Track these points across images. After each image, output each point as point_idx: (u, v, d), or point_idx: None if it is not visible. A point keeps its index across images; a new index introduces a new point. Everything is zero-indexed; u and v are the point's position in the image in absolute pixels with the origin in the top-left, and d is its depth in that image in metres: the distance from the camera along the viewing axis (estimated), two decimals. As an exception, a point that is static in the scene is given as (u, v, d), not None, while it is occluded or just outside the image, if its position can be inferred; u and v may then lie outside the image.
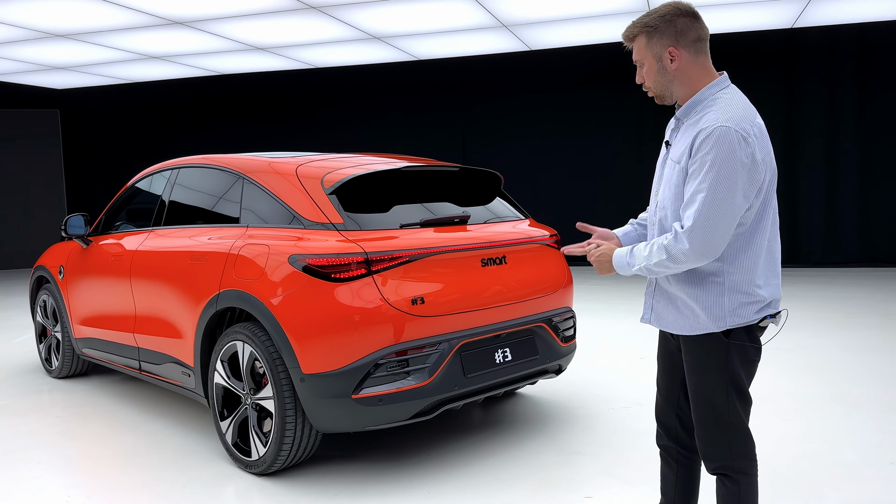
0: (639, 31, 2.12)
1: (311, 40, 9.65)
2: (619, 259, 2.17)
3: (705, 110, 2.06)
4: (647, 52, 2.12)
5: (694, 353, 2.15)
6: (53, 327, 5.47)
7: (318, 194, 3.47)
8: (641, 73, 2.17)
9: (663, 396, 2.37)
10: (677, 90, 2.14)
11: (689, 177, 2.01)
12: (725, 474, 2.15)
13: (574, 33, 9.70)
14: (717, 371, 2.10)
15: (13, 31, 8.73)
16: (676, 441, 2.35)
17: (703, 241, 1.96)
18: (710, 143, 1.96)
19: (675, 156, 2.11)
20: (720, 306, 2.07)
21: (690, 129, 2.07)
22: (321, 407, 3.19)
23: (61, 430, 4.24)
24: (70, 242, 5.34)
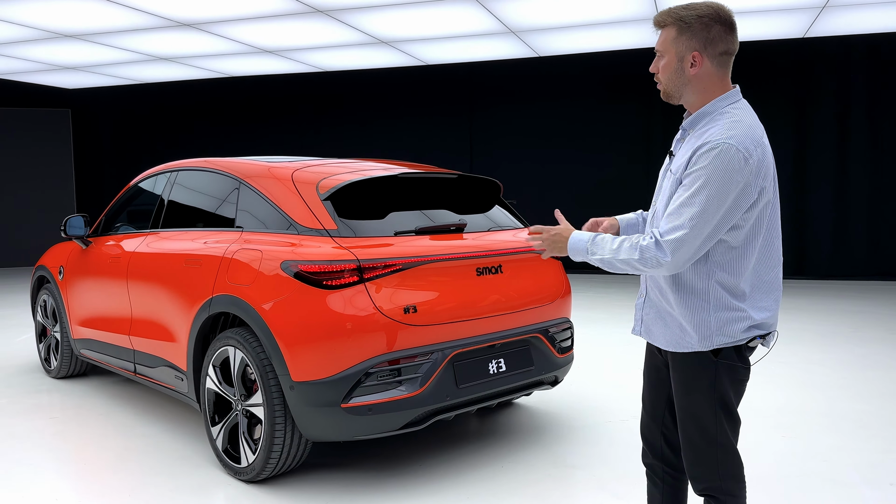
0: (672, 22, 2.02)
1: (318, 44, 9.65)
2: (576, 242, 2.10)
3: (711, 123, 2.00)
4: (672, 47, 2.03)
5: (682, 370, 2.09)
6: (53, 327, 5.47)
7: (312, 200, 3.44)
8: (658, 63, 2.08)
9: (648, 413, 2.31)
10: (688, 96, 2.06)
11: (681, 187, 1.95)
12: (712, 496, 2.09)
13: (582, 40, 9.65)
14: (706, 390, 2.05)
15: (24, 30, 8.78)
16: (662, 459, 2.29)
17: (681, 254, 1.92)
18: (709, 157, 1.90)
19: (675, 167, 2.06)
20: (707, 324, 2.02)
21: (693, 141, 2.01)
22: (310, 415, 3.16)
23: (55, 432, 4.23)
24: (71, 243, 5.34)
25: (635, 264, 1.98)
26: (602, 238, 2.05)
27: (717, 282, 2.00)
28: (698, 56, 2.00)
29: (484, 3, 7.74)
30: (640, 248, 1.96)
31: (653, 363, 2.28)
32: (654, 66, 2.11)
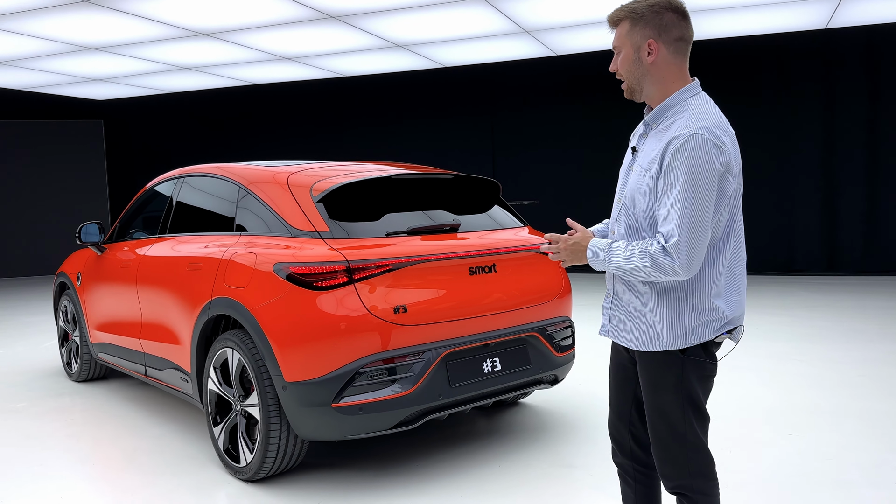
0: (624, 16, 2.04)
1: (335, 49, 9.75)
2: (594, 251, 2.06)
3: (676, 116, 2.00)
4: (627, 40, 2.04)
5: (649, 369, 2.08)
6: (73, 332, 5.63)
7: (305, 203, 3.49)
8: (616, 60, 2.09)
9: (615, 412, 2.29)
10: (648, 88, 2.06)
11: (665, 188, 1.93)
12: (684, 494, 2.07)
13: (596, 38, 9.58)
14: (673, 388, 2.03)
15: (54, 45, 9.05)
16: (632, 458, 2.27)
17: (688, 255, 1.88)
18: (684, 152, 1.89)
19: (644, 163, 2.04)
20: (682, 324, 2.01)
21: (660, 135, 2.01)
22: (303, 415, 3.20)
23: (69, 433, 4.35)
24: (88, 249, 5.49)
25: (649, 271, 1.94)
26: (616, 245, 2.02)
27: (696, 280, 1.98)
28: (654, 43, 2.01)
29: (494, 4, 7.74)
30: (648, 254, 1.93)
31: (619, 362, 2.26)
32: (613, 65, 2.10)
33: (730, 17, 8.73)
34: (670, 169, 1.91)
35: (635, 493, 2.29)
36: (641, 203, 2.02)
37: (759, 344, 6.08)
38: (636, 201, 2.05)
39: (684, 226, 1.88)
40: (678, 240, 1.88)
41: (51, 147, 14.13)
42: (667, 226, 1.91)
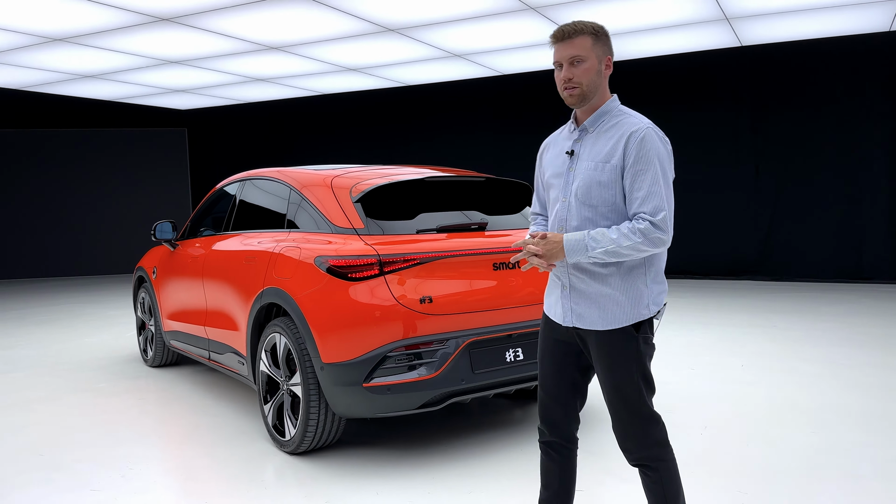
0: (588, 32, 2.24)
1: (395, 60, 10.18)
2: (573, 243, 2.18)
3: (616, 118, 2.29)
4: (592, 52, 2.24)
5: (609, 347, 2.26)
6: (149, 321, 6.18)
7: (345, 202, 3.84)
8: (577, 69, 2.24)
9: (551, 395, 2.42)
10: (595, 97, 2.29)
11: (637, 174, 2.18)
12: (646, 465, 2.28)
13: (650, 43, 9.68)
14: (631, 364, 2.24)
15: (141, 59, 9.83)
16: (560, 435, 2.44)
17: (671, 227, 2.18)
18: (648, 143, 2.19)
19: (597, 158, 2.25)
20: (643, 298, 2.25)
21: (604, 135, 2.27)
22: (337, 393, 3.54)
23: (141, 411, 4.85)
24: (164, 246, 6.03)
25: (640, 246, 2.14)
26: (596, 233, 2.18)
27: (652, 255, 2.26)
28: (609, 60, 2.31)
29: (544, 13, 7.98)
30: (639, 231, 2.14)
31: (558, 348, 2.41)
32: (569, 73, 2.25)
33: (797, 19, 8.68)
34: (640, 157, 2.18)
35: (560, 467, 2.47)
36: (601, 193, 2.23)
37: (807, 349, 6.09)
38: (594, 193, 2.24)
39: (665, 203, 2.17)
40: (666, 214, 2.16)
41: (138, 154, 15.16)
42: (650, 204, 2.16)
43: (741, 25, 8.83)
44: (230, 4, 7.44)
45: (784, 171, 10.54)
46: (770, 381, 5.07)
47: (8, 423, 4.55)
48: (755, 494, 3.18)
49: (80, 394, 5.26)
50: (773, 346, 6.24)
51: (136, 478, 3.59)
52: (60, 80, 11.03)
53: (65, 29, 8.15)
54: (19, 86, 11.42)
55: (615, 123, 2.28)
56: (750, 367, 5.51)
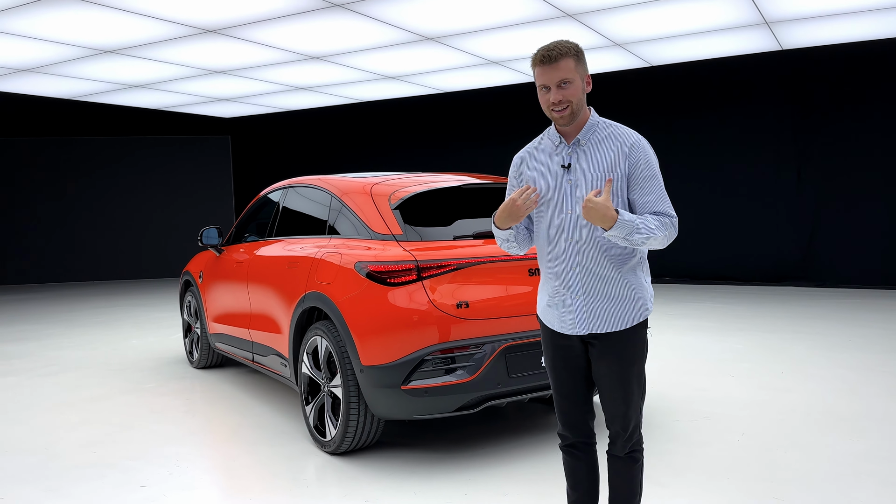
0: (571, 54, 2.32)
1: (434, 68, 10.31)
2: (626, 219, 2.19)
3: (607, 129, 2.41)
4: (577, 73, 2.33)
5: (622, 343, 2.38)
6: (195, 324, 6.38)
7: (385, 209, 3.95)
8: (566, 91, 2.31)
9: (572, 401, 2.50)
10: (581, 113, 2.39)
11: (646, 179, 2.33)
12: (636, 450, 2.47)
13: (691, 48, 9.63)
14: (641, 356, 2.43)
15: (187, 70, 10.13)
16: (582, 434, 2.54)
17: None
18: (647, 151, 2.36)
19: (600, 167, 2.34)
20: (647, 292, 2.43)
21: (601, 146, 2.37)
22: (376, 395, 3.63)
23: (187, 410, 5.02)
24: (209, 251, 6.22)
25: (666, 239, 2.31)
26: (641, 219, 2.25)
27: (644, 255, 2.45)
28: (589, 78, 2.42)
29: (582, 20, 8.01)
30: (668, 223, 2.30)
31: (567, 354, 2.45)
32: (558, 95, 2.31)
33: (839, 23, 8.56)
34: (645, 165, 2.33)
35: (586, 465, 2.57)
36: (615, 202, 2.33)
37: (848, 356, 6.01)
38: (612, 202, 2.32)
39: (671, 205, 2.36)
40: (676, 216, 2.35)
41: (184, 160, 15.57)
42: (662, 204, 2.33)
43: (781, 29, 8.73)
44: (273, 16, 7.64)
45: (827, 175, 10.36)
46: (809, 388, 5.02)
47: (63, 422, 4.75)
48: (792, 502, 3.18)
49: (129, 394, 5.46)
50: (814, 353, 6.16)
51: (183, 475, 3.73)
52: (110, 90, 11.41)
53: (115, 41, 8.46)
54: (71, 96, 11.85)
55: (607, 135, 2.39)
56: (790, 374, 5.46)
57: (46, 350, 7.36)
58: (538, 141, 2.54)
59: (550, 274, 2.45)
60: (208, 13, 7.49)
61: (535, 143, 2.54)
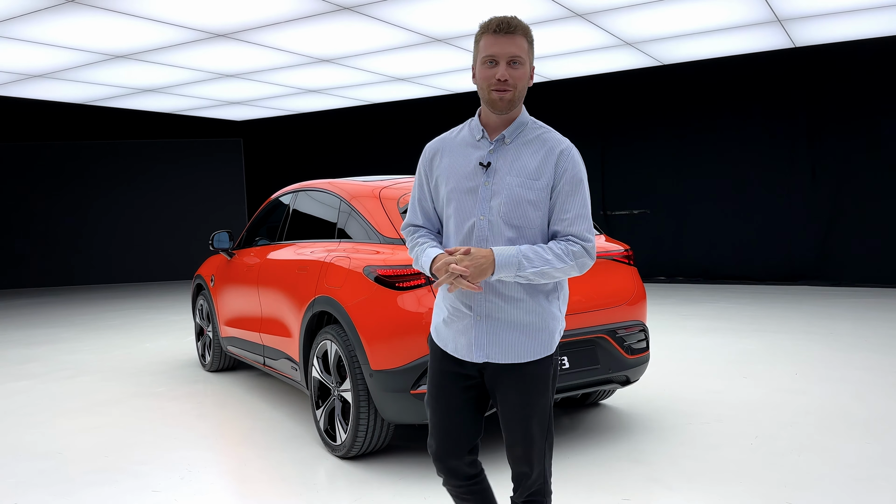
0: (525, 34, 2.05)
1: (443, 69, 10.32)
2: (506, 258, 1.98)
3: (537, 131, 2.14)
4: (527, 57, 2.07)
5: (526, 377, 2.12)
6: (207, 328, 6.41)
7: (393, 213, 3.95)
8: (515, 71, 2.03)
9: (455, 439, 2.20)
10: (518, 105, 2.11)
11: (568, 194, 2.07)
12: (535, 499, 2.21)
13: (701, 47, 9.56)
14: (549, 388, 2.17)
15: (199, 73, 10.19)
16: (465, 477, 2.26)
17: (595, 254, 2.12)
18: (578, 163, 2.10)
19: (523, 173, 2.07)
20: (558, 322, 2.18)
21: (527, 148, 2.10)
22: (386, 399, 3.63)
23: (198, 414, 5.04)
24: (221, 255, 6.24)
25: (570, 270, 2.06)
26: (529, 250, 2.03)
27: (563, 281, 2.21)
28: (533, 70, 2.14)
29: (592, 20, 7.98)
30: (573, 254, 2.05)
31: (455, 385, 2.18)
32: (507, 73, 2.02)
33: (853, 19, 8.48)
34: (571, 177, 2.07)
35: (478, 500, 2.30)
36: (529, 213, 2.07)
37: (863, 357, 5.95)
38: (522, 212, 2.08)
39: (591, 227, 2.12)
40: (592, 240, 2.08)
41: (196, 163, 15.66)
42: (579, 226, 2.07)
43: (794, 27, 8.66)
44: (283, 20, 7.67)
45: (841, 174, 10.27)
46: (824, 390, 4.97)
47: (77, 425, 4.79)
48: (805, 506, 3.15)
49: (141, 397, 5.50)
50: (829, 354, 6.10)
51: (195, 479, 3.75)
52: (122, 94, 11.49)
53: (128, 46, 8.52)
54: (84, 100, 11.95)
55: (536, 137, 2.12)
56: (804, 376, 5.40)
57: (61, 354, 7.42)
58: (457, 131, 2.23)
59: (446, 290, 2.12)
60: (219, 18, 7.53)
61: (452, 133, 2.24)
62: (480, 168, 2.12)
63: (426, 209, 2.27)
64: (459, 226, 2.13)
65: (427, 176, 2.24)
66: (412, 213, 2.30)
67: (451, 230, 2.17)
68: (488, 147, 2.13)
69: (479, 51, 2.09)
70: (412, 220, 2.29)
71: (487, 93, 2.06)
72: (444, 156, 2.20)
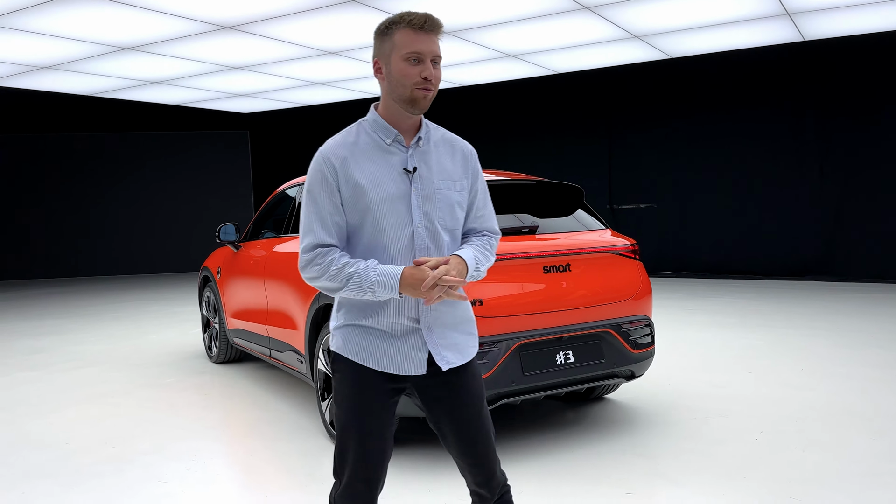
0: (441, 33, 2.00)
1: (449, 62, 10.28)
2: (471, 261, 2.02)
3: (437, 132, 2.13)
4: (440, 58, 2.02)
5: (473, 374, 2.14)
6: (214, 319, 6.43)
7: (399, 206, 3.94)
8: (437, 71, 1.98)
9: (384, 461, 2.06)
10: None
11: (481, 191, 2.16)
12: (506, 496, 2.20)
13: (709, 40, 9.51)
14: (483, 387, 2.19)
15: (205, 66, 10.19)
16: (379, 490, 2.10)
17: None
18: (476, 160, 2.19)
19: (446, 175, 2.06)
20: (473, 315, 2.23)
21: (437, 149, 2.08)
22: (391, 392, 3.63)
23: (205, 405, 5.06)
24: (228, 247, 6.26)
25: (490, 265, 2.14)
26: (475, 250, 2.07)
27: None
28: None
29: (599, 12, 7.94)
30: (492, 248, 2.15)
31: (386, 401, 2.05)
32: (430, 72, 1.95)
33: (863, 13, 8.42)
34: (480, 174, 2.17)
35: None
36: (459, 214, 2.09)
37: (869, 353, 5.93)
38: (454, 214, 2.07)
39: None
40: (500, 233, 2.21)
41: (202, 156, 15.69)
42: (492, 221, 2.19)
43: (803, 20, 8.60)
44: (289, 12, 7.66)
45: (849, 168, 10.22)
46: (829, 386, 4.96)
47: (84, 416, 4.82)
48: (810, 501, 3.14)
49: (148, 388, 5.53)
50: (835, 350, 6.08)
51: (201, 470, 3.77)
52: (130, 86, 11.50)
53: (135, 38, 8.52)
54: (92, 92, 11.96)
55: (440, 137, 2.11)
56: (809, 371, 5.39)
57: (68, 345, 7.46)
58: (352, 136, 2.05)
59: (385, 303, 1.99)
60: (226, 10, 7.52)
61: (348, 138, 2.05)
62: (405, 174, 2.01)
63: (339, 224, 1.99)
64: (395, 237, 1.98)
65: (338, 187, 1.97)
66: (321, 231, 1.96)
67: (377, 243, 1.98)
68: (404, 151, 2.04)
69: (395, 46, 1.95)
70: (323, 240, 1.96)
71: (410, 91, 1.94)
72: (357, 163, 1.99)
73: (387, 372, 2.03)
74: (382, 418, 2.05)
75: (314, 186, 1.99)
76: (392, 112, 2.03)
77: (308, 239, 1.97)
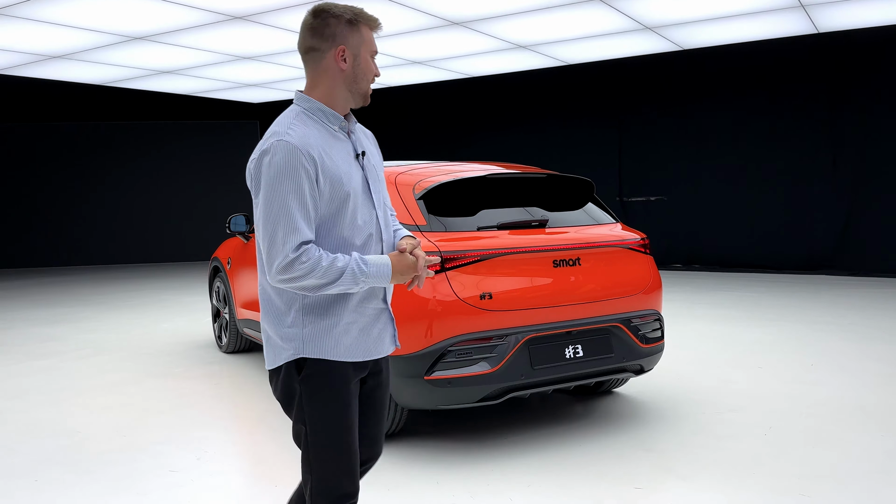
0: None
1: (461, 53, 10.26)
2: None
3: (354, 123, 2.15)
4: None
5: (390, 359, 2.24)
6: (224, 309, 6.46)
7: (409, 199, 3.94)
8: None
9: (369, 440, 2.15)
10: None
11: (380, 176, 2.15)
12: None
13: (721, 32, 9.43)
14: None
15: (214, 55, 10.20)
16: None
17: None
18: None
19: (376, 164, 2.11)
20: None
21: (359, 133, 2.14)
22: (400, 385, 3.64)
23: (213, 395, 5.09)
24: (237, 238, 6.28)
25: None
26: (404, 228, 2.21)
27: None
28: None
29: (610, 3, 7.88)
30: None
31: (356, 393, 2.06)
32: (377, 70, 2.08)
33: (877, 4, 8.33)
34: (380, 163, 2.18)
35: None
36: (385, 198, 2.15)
37: (881, 348, 5.90)
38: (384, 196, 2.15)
39: None
40: None
41: (212, 145, 15.71)
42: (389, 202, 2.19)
43: (817, 12, 8.51)
44: (299, 3, 7.64)
45: (862, 162, 10.13)
46: (840, 382, 4.94)
47: (95, 404, 4.86)
48: (819, 498, 3.14)
49: (158, 378, 5.56)
50: (846, 345, 6.05)
51: (211, 460, 3.79)
52: (140, 76, 11.53)
53: (144, 28, 8.53)
54: (102, 81, 12.00)
55: (355, 126, 2.13)
56: (820, 366, 5.37)
57: (80, 333, 7.52)
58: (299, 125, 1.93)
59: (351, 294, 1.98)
60: (236, 0, 7.51)
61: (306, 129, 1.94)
62: (356, 160, 2.02)
63: (315, 219, 1.91)
64: (366, 224, 1.99)
65: (315, 179, 1.89)
66: (305, 229, 1.86)
67: (343, 235, 1.94)
68: (347, 138, 2.05)
69: (364, 40, 2.00)
70: (308, 237, 1.87)
71: (367, 84, 2.02)
72: (327, 153, 1.93)
73: (358, 361, 2.01)
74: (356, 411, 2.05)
75: (291, 180, 1.85)
76: (338, 100, 2.02)
77: (294, 237, 1.84)
